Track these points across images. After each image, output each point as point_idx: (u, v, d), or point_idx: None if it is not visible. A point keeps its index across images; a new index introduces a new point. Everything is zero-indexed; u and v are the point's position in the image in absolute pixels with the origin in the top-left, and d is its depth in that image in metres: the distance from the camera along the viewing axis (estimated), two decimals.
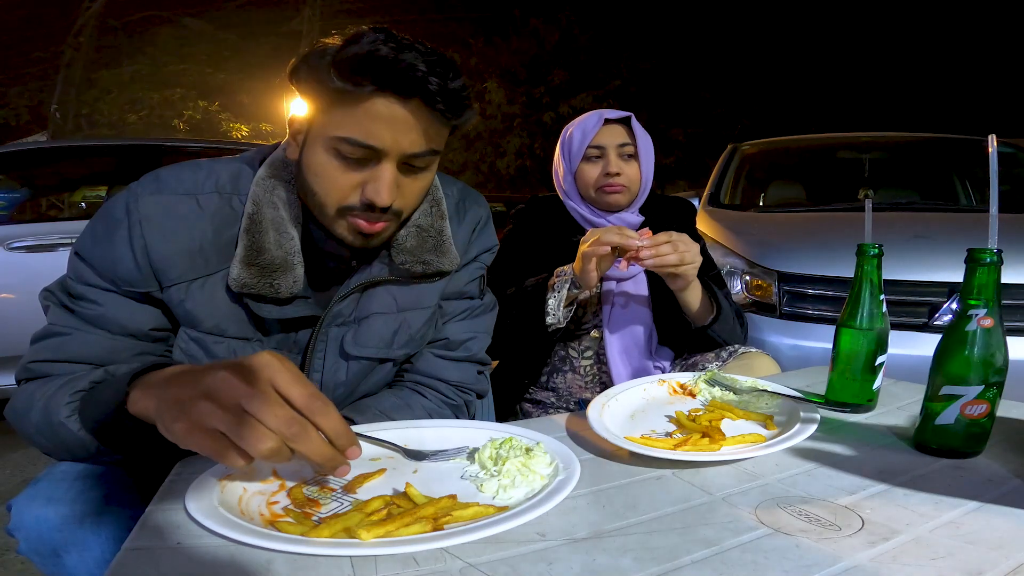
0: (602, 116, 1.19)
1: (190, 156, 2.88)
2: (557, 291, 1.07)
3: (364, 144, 0.65)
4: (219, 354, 0.74)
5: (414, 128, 0.66)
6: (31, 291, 2.76)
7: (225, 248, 0.72)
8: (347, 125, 0.65)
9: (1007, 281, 0.68)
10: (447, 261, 0.82)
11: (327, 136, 0.67)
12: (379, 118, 0.65)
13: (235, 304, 0.74)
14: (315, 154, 0.69)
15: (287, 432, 0.47)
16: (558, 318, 1.08)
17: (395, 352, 0.84)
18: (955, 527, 0.50)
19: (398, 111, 0.65)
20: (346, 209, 0.70)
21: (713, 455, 0.64)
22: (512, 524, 0.48)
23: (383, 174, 0.67)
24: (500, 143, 12.42)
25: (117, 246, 0.69)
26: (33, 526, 0.63)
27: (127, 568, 0.44)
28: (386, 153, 0.67)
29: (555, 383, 1.25)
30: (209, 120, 11.64)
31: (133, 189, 0.71)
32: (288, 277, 0.72)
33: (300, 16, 12.35)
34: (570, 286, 1.07)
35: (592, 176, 1.20)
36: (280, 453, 0.47)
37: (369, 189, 0.68)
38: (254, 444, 0.46)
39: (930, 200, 2.96)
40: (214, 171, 0.74)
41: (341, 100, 0.65)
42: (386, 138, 0.66)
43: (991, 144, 0.71)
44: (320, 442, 0.49)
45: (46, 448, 0.67)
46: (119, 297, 0.70)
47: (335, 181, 0.68)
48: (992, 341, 0.64)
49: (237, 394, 0.47)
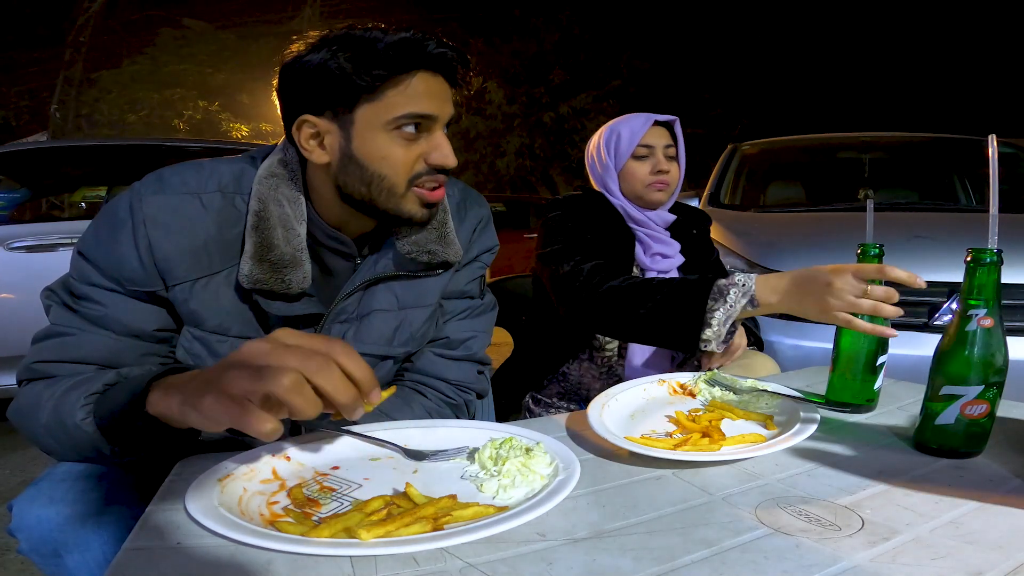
0: (651, 118, 1.23)
1: (190, 156, 2.89)
2: (730, 303, 0.88)
3: (422, 115, 0.72)
4: (223, 353, 0.74)
5: (447, 95, 0.75)
6: (31, 291, 2.75)
7: (229, 247, 0.73)
8: (403, 104, 0.71)
9: (1007, 281, 0.68)
10: (451, 252, 0.83)
11: (385, 119, 0.71)
12: (428, 91, 0.72)
13: (240, 303, 0.74)
14: (372, 141, 0.72)
15: (309, 365, 0.48)
16: (720, 336, 0.89)
17: (396, 350, 0.84)
18: (955, 527, 0.50)
19: (437, 82, 0.74)
20: (415, 178, 0.74)
21: (713, 455, 0.64)
22: (512, 524, 0.48)
23: (440, 139, 0.74)
24: (500, 143, 12.42)
25: (121, 245, 0.69)
26: (34, 526, 0.63)
27: (127, 568, 0.44)
28: (437, 119, 0.74)
29: (568, 368, 1.26)
30: (209, 120, 11.63)
31: (136, 189, 0.71)
32: (298, 273, 0.73)
33: (300, 16, 12.35)
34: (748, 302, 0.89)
35: (641, 173, 1.23)
36: (301, 390, 0.47)
37: (435, 155, 0.74)
38: (274, 380, 0.46)
39: (930, 200, 2.96)
40: (217, 171, 0.75)
41: (391, 86, 0.70)
42: (435, 106, 0.73)
43: (991, 144, 0.71)
44: (342, 378, 0.49)
45: (52, 448, 0.66)
46: (123, 297, 0.71)
47: (402, 156, 0.73)
48: (992, 341, 0.64)
49: (261, 353, 0.49)
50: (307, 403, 0.48)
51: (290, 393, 0.46)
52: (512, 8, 12.78)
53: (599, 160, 1.28)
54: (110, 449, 0.62)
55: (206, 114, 11.65)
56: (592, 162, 1.30)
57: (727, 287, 0.89)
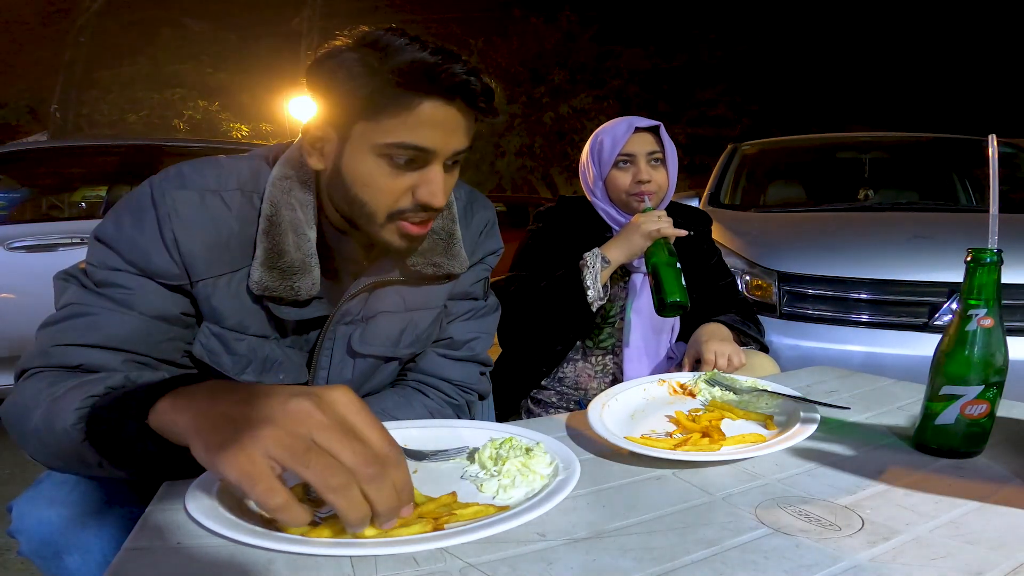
0: (632, 124, 1.22)
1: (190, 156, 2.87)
2: (591, 267, 1.13)
3: (418, 147, 0.66)
4: (239, 351, 0.74)
5: (459, 128, 0.68)
6: (31, 291, 2.74)
7: (248, 245, 0.72)
8: (398, 131, 0.65)
9: (1007, 281, 0.68)
10: (457, 264, 0.82)
11: (376, 143, 0.66)
12: (430, 121, 0.66)
13: (255, 303, 0.73)
14: (360, 163, 0.68)
15: (364, 471, 0.42)
16: (598, 292, 1.12)
17: (401, 351, 0.84)
18: (955, 527, 0.50)
19: (446, 113, 0.66)
20: (397, 213, 0.69)
21: (713, 455, 0.64)
22: (512, 524, 0.48)
23: (435, 176, 0.68)
24: (500, 143, 12.42)
25: (147, 236, 0.68)
26: (35, 528, 0.63)
27: (127, 568, 0.44)
28: (436, 154, 0.68)
29: (563, 372, 1.27)
30: (209, 120, 11.64)
31: (156, 183, 0.70)
32: (307, 279, 0.72)
33: (300, 16, 12.34)
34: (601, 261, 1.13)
35: (624, 183, 1.23)
36: (349, 493, 0.42)
37: (423, 192, 0.68)
38: (322, 475, 0.41)
39: (930, 200, 2.95)
40: (235, 168, 0.74)
41: (390, 107, 0.65)
42: (437, 140, 0.67)
43: (991, 144, 0.71)
44: (393, 491, 0.44)
45: (37, 452, 0.61)
46: (148, 281, 0.68)
47: (386, 186, 0.68)
48: (992, 341, 0.64)
49: (311, 423, 0.43)
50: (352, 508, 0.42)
51: (335, 493, 0.42)
52: (512, 8, 12.79)
53: (587, 168, 1.29)
54: (97, 461, 0.56)
55: (206, 114, 11.66)
56: (583, 169, 1.31)
57: (585, 258, 1.14)
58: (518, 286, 1.22)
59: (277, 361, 0.76)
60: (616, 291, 1.25)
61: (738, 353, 1.07)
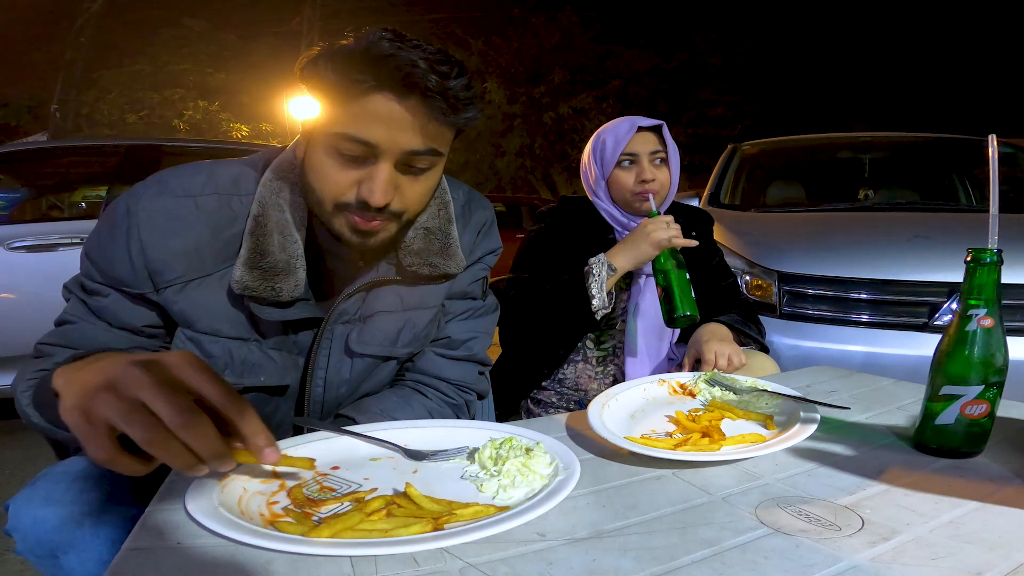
0: (635, 123, 1.22)
1: (190, 156, 2.88)
2: (596, 275, 1.12)
3: (361, 140, 0.65)
4: (215, 353, 0.74)
5: (412, 126, 0.66)
6: (31, 291, 2.74)
7: (223, 249, 0.73)
8: (345, 121, 0.65)
9: (1007, 281, 0.68)
10: (453, 264, 0.82)
11: (327, 133, 0.67)
12: (377, 115, 0.65)
13: (234, 305, 0.74)
14: (315, 151, 0.69)
15: (174, 421, 0.45)
16: (603, 301, 1.12)
17: (399, 351, 0.84)
18: (955, 527, 0.50)
19: (396, 108, 0.65)
20: (343, 206, 0.69)
21: (713, 455, 0.64)
22: (512, 524, 0.48)
23: (379, 173, 0.67)
24: (500, 143, 12.42)
25: (116, 247, 0.70)
26: (31, 527, 0.63)
27: (127, 568, 0.44)
28: (383, 151, 0.66)
29: (564, 373, 1.27)
30: (209, 120, 11.63)
31: (135, 191, 0.72)
32: (290, 280, 0.73)
33: (300, 16, 12.35)
34: (607, 269, 1.13)
35: (627, 183, 1.22)
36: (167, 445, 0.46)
37: (364, 188, 0.67)
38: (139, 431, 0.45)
39: (930, 200, 2.95)
40: (215, 173, 0.75)
41: (340, 97, 0.65)
42: (382, 135, 0.65)
43: (991, 144, 0.71)
44: (210, 437, 0.47)
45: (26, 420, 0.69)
46: (116, 292, 0.73)
47: (332, 177, 0.68)
48: (992, 341, 0.64)
49: (137, 385, 0.46)
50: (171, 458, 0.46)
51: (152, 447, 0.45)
52: (512, 8, 12.79)
53: (589, 168, 1.28)
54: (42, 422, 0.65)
55: (206, 114, 11.65)
56: (585, 169, 1.31)
57: (590, 265, 1.13)
58: (520, 289, 1.22)
59: (256, 364, 0.77)
60: (618, 294, 1.25)
61: (738, 353, 1.07)
